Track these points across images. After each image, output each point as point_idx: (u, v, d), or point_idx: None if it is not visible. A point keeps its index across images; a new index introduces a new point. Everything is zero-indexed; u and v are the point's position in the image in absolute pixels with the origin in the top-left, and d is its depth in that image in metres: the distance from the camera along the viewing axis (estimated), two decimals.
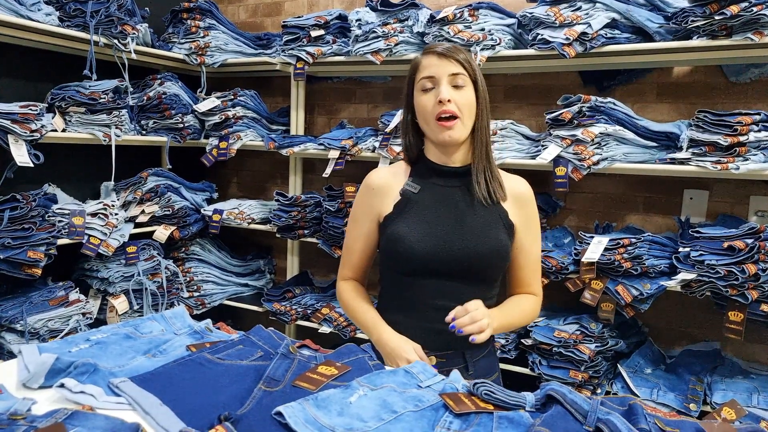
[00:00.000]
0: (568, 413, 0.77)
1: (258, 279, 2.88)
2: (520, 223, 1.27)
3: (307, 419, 0.77)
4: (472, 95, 1.21)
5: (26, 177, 2.20)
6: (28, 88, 2.30)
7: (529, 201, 1.29)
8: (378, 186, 1.30)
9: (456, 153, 1.25)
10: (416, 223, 1.22)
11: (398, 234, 1.22)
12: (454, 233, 1.21)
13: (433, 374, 0.95)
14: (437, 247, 1.20)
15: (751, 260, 1.63)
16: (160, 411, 0.75)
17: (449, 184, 1.25)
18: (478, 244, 1.20)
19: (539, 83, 2.31)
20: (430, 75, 1.20)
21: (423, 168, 1.28)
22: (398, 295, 1.27)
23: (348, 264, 1.36)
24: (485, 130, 1.24)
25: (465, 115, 1.20)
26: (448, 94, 1.18)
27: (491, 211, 1.24)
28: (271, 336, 1.05)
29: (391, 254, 1.25)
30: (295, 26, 2.45)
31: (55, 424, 0.63)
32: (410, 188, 1.26)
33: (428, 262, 1.20)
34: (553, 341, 1.91)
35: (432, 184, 1.26)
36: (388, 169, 1.33)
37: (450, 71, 1.19)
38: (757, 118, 1.69)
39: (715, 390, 1.78)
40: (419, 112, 1.23)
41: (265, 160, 2.97)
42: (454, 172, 1.26)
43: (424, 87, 1.21)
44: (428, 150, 1.28)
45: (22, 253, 1.89)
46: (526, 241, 1.28)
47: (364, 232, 1.31)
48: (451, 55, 1.20)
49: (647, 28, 1.89)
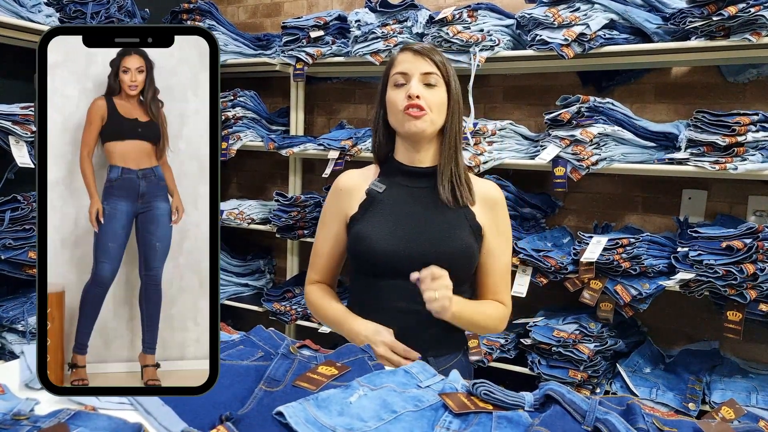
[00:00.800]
0: (566, 413, 0.78)
1: (258, 279, 2.89)
2: (489, 227, 1.25)
3: (307, 419, 0.78)
4: (443, 95, 1.21)
5: (27, 178, 2.21)
6: (29, 89, 2.31)
7: (499, 205, 1.27)
8: (346, 187, 1.29)
9: (424, 153, 1.24)
10: (380, 223, 1.21)
11: (361, 233, 1.22)
12: (418, 233, 1.19)
13: (433, 374, 0.96)
14: (399, 246, 1.19)
15: (749, 260, 1.64)
16: (162, 411, 0.76)
17: (415, 185, 1.24)
18: (442, 244, 1.18)
19: (538, 84, 2.32)
20: (402, 71, 1.20)
21: (390, 168, 1.27)
22: (364, 297, 1.26)
23: (316, 267, 1.34)
24: (455, 133, 1.23)
25: (434, 112, 1.19)
26: (417, 90, 1.17)
27: (457, 213, 1.22)
28: (271, 336, 1.06)
29: (355, 254, 1.25)
30: (295, 27, 2.45)
31: (58, 424, 0.64)
32: (375, 188, 1.25)
33: (390, 261, 1.19)
34: (552, 341, 1.92)
35: (398, 184, 1.25)
36: (358, 172, 1.33)
37: (423, 70, 1.19)
38: (755, 119, 1.69)
39: (713, 389, 1.79)
40: (390, 106, 1.23)
41: (265, 160, 2.97)
42: (421, 172, 1.24)
43: (396, 82, 1.21)
44: (397, 151, 1.27)
45: (23, 253, 1.90)
46: (494, 245, 1.25)
47: (332, 235, 1.30)
48: (426, 53, 1.20)
49: (645, 28, 1.90)
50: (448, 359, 1.25)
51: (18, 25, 2.01)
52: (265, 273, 2.92)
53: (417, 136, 1.21)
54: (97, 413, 0.68)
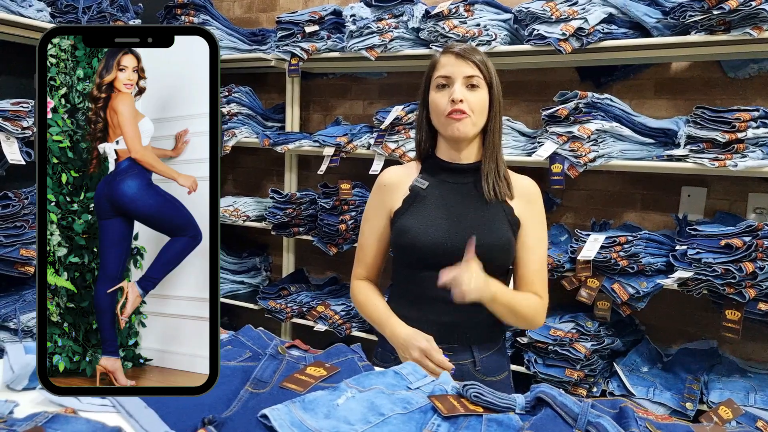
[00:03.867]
0: (558, 416, 0.76)
1: (254, 276, 2.87)
2: (526, 221, 1.29)
3: (292, 422, 0.76)
4: (485, 96, 1.25)
5: (18, 175, 2.18)
6: (20, 84, 2.28)
7: (536, 199, 1.32)
8: (389, 183, 1.33)
9: (465, 151, 1.29)
10: (423, 217, 1.26)
11: (405, 227, 1.26)
12: (459, 226, 1.24)
13: (423, 375, 0.94)
14: (442, 238, 1.23)
15: (748, 258, 1.62)
16: (145, 414, 0.74)
17: (458, 181, 1.29)
18: (482, 237, 1.22)
19: (536, 79, 2.29)
20: (445, 75, 1.24)
21: (433, 165, 1.32)
22: (407, 289, 1.29)
23: (361, 263, 1.37)
24: (497, 132, 1.28)
25: (476, 114, 1.24)
26: (461, 94, 1.22)
27: (497, 208, 1.27)
28: (260, 336, 1.04)
29: (398, 247, 1.29)
30: (290, 22, 2.43)
31: (34, 428, 0.62)
32: (419, 184, 1.30)
33: (433, 253, 1.22)
34: (549, 340, 1.90)
35: (441, 181, 1.30)
36: (400, 168, 1.37)
37: (465, 73, 1.23)
38: (755, 114, 1.67)
39: (711, 389, 1.77)
40: (432, 108, 1.27)
41: (261, 157, 2.95)
42: (463, 169, 1.29)
43: (439, 84, 1.25)
44: (439, 148, 1.32)
45: (15, 251, 1.88)
46: (531, 239, 1.30)
47: (376, 230, 1.34)
48: (467, 56, 1.24)
49: (645, 23, 1.87)
50: (490, 347, 1.29)
51: (8, 19, 1.98)
52: (261, 270, 2.91)
53: (460, 139, 1.25)
54: (76, 416, 0.66)
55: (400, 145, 2.22)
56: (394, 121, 2.21)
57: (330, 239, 2.37)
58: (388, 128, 2.23)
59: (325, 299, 2.51)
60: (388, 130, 2.24)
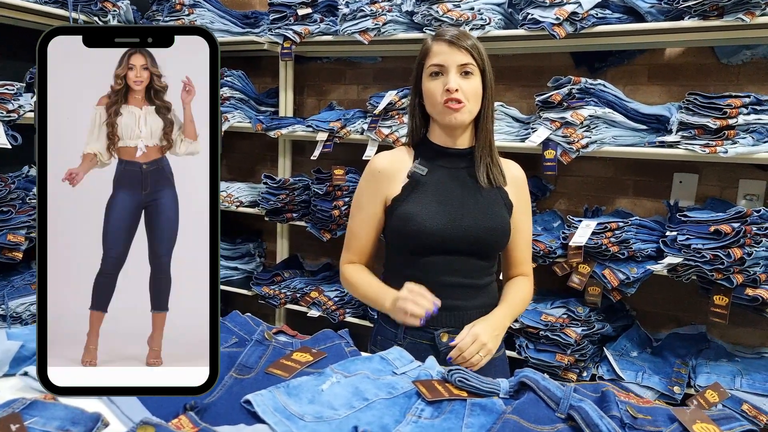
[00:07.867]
0: (540, 400, 0.77)
1: (248, 263, 2.87)
2: (516, 204, 1.33)
3: (276, 407, 0.76)
4: (479, 83, 1.25)
5: (4, 159, 2.16)
6: (5, 67, 2.24)
7: (523, 183, 1.37)
8: (383, 170, 1.32)
9: (460, 136, 1.30)
10: (427, 203, 1.27)
11: (409, 213, 1.26)
12: (463, 211, 1.26)
13: (410, 360, 0.94)
14: (448, 224, 1.25)
15: (736, 244, 1.62)
16: (125, 399, 0.74)
17: (455, 166, 1.31)
18: (486, 220, 1.26)
19: (530, 64, 2.27)
20: (439, 63, 1.24)
21: (428, 151, 1.32)
22: (407, 275, 1.29)
23: (353, 249, 1.37)
24: (490, 118, 1.29)
25: (471, 101, 1.25)
26: (455, 83, 1.22)
27: (493, 192, 1.30)
28: (247, 322, 1.04)
29: (401, 233, 1.28)
30: (282, 4, 2.39)
31: (11, 414, 0.62)
32: (418, 170, 1.30)
33: (440, 238, 1.24)
34: (540, 325, 1.91)
35: (439, 166, 1.30)
36: (391, 153, 1.36)
37: (459, 61, 1.23)
38: (746, 101, 1.66)
39: (699, 373, 1.79)
40: (427, 96, 1.27)
41: (254, 142, 2.93)
42: (459, 154, 1.30)
43: (433, 72, 1.25)
44: (433, 133, 1.32)
45: (2, 236, 1.87)
46: (520, 221, 1.35)
47: (369, 217, 1.34)
48: (460, 43, 1.23)
49: (638, 7, 1.85)
50: None
51: None
52: (255, 257, 2.90)
53: (456, 126, 1.27)
54: (54, 402, 0.66)
55: (393, 130, 2.20)
56: (387, 106, 2.19)
57: (323, 225, 2.37)
58: (381, 113, 2.22)
59: (318, 285, 2.51)
60: (381, 115, 2.23)
